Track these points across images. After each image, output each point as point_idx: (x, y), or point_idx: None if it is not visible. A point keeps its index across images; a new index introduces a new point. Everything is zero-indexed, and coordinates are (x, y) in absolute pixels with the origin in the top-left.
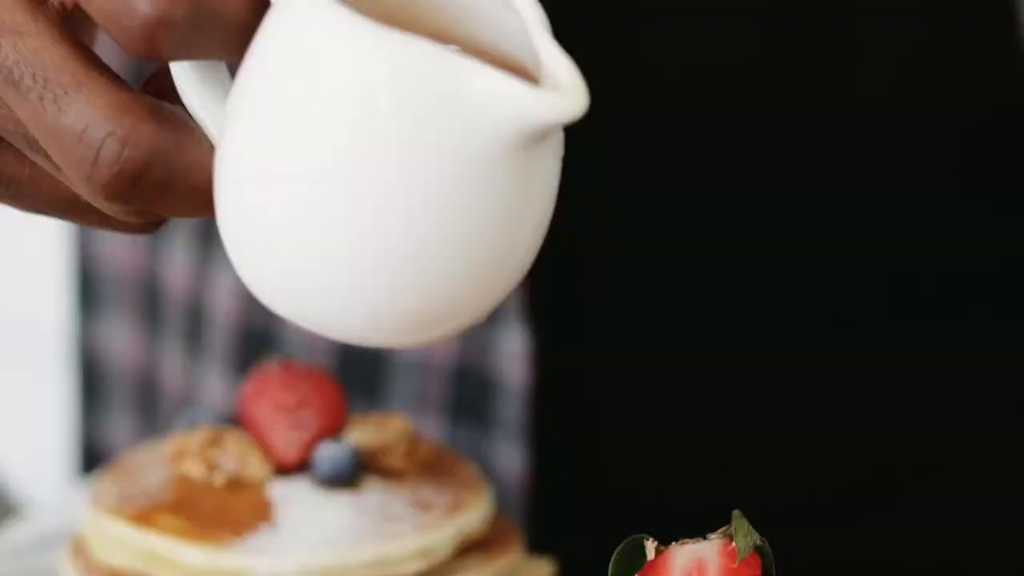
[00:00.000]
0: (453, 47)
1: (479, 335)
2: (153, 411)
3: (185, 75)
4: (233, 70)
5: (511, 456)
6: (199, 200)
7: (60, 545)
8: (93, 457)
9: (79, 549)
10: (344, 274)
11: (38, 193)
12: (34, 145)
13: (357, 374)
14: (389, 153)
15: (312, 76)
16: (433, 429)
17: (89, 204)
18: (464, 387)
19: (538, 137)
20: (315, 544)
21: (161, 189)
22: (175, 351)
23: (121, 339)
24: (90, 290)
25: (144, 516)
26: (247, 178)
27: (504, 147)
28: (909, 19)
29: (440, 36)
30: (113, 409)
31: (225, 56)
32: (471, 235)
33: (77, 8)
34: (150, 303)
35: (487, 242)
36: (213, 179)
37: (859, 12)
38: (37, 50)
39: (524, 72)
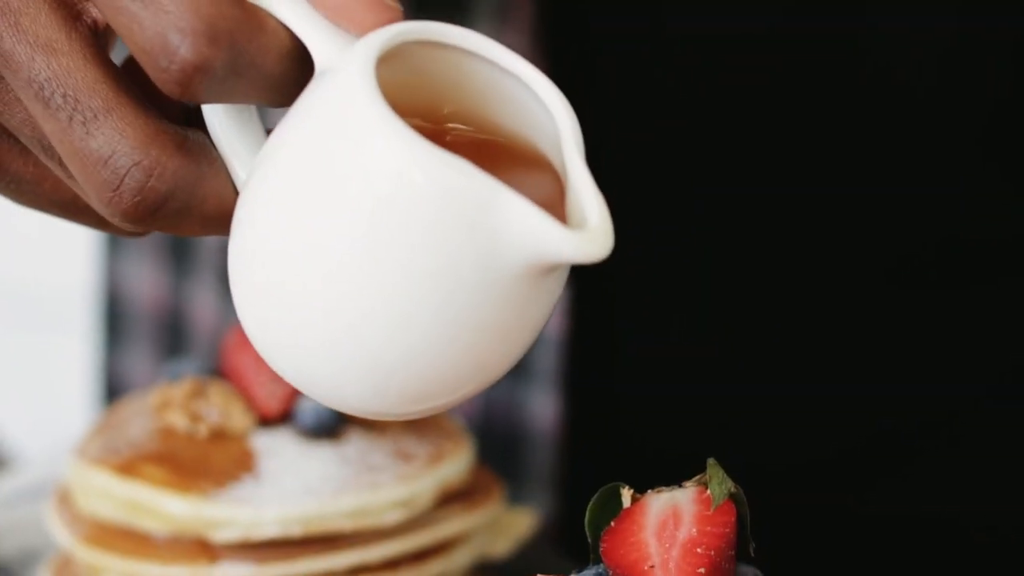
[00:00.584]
0: (478, 134)
1: None
2: (178, 350)
3: (216, 115)
4: (263, 112)
5: (545, 404)
6: (211, 226)
7: (46, 496)
8: (114, 395)
9: (64, 500)
10: (338, 357)
11: (39, 191)
12: (49, 152)
13: None
14: (410, 259)
15: (348, 169)
16: None
17: (88, 206)
18: None
19: (556, 267)
20: (297, 494)
21: (177, 217)
22: (206, 289)
23: (144, 277)
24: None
25: (128, 467)
26: (263, 241)
27: (523, 271)
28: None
29: (467, 110)
30: (134, 348)
31: (258, 104)
32: (476, 338)
33: (109, 27)
34: (178, 242)
35: (489, 342)
36: (227, 210)
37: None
38: (70, 70)
39: (545, 166)
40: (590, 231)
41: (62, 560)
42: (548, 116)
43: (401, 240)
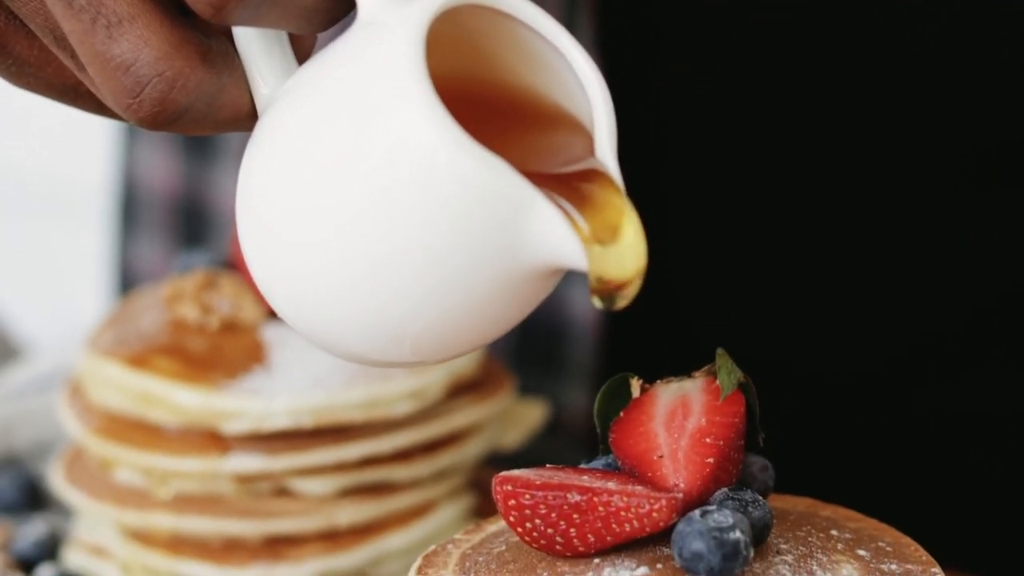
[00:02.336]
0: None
1: None
2: (193, 238)
3: (247, 35)
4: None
5: (586, 298)
6: (222, 129)
7: (58, 387)
8: (126, 284)
9: (76, 392)
10: (334, 309)
11: (40, 75)
12: (62, 44)
13: None
14: (430, 239)
15: (381, 140)
16: None
17: (88, 92)
18: None
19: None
20: (307, 385)
21: (193, 124)
22: (227, 175)
23: (160, 165)
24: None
25: (139, 359)
26: (279, 178)
27: (541, 269)
28: None
29: (507, 73)
30: (149, 237)
31: (287, 30)
32: (475, 313)
33: None
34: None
35: (488, 316)
36: (241, 117)
37: None
38: None
39: (580, 130)
40: (619, 249)
41: (74, 452)
42: (589, 109)
43: (422, 218)
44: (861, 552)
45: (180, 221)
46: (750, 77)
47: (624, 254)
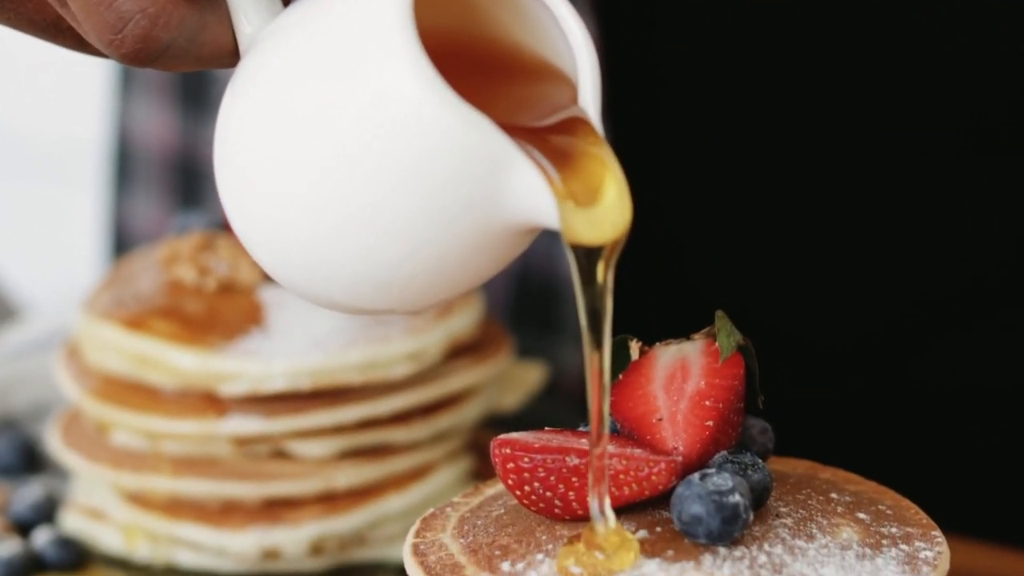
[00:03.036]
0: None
1: None
2: (189, 196)
3: None
4: None
5: None
6: (204, 65)
7: (55, 349)
8: (122, 242)
9: (73, 354)
10: (318, 254)
11: (21, 11)
12: None
13: None
14: (409, 189)
15: (366, 91)
16: None
17: (70, 28)
18: None
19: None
20: (305, 347)
21: (174, 60)
22: None
23: (155, 122)
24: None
25: (136, 321)
26: (257, 135)
27: (519, 226)
28: None
29: (492, 30)
30: (145, 196)
31: None
32: (449, 266)
33: None
34: (190, 84)
35: (463, 269)
36: (223, 53)
37: None
38: None
39: (565, 81)
40: (601, 211)
41: (71, 414)
42: (574, 60)
43: (402, 171)
44: (861, 515)
45: (176, 179)
46: (749, 45)
47: (602, 217)
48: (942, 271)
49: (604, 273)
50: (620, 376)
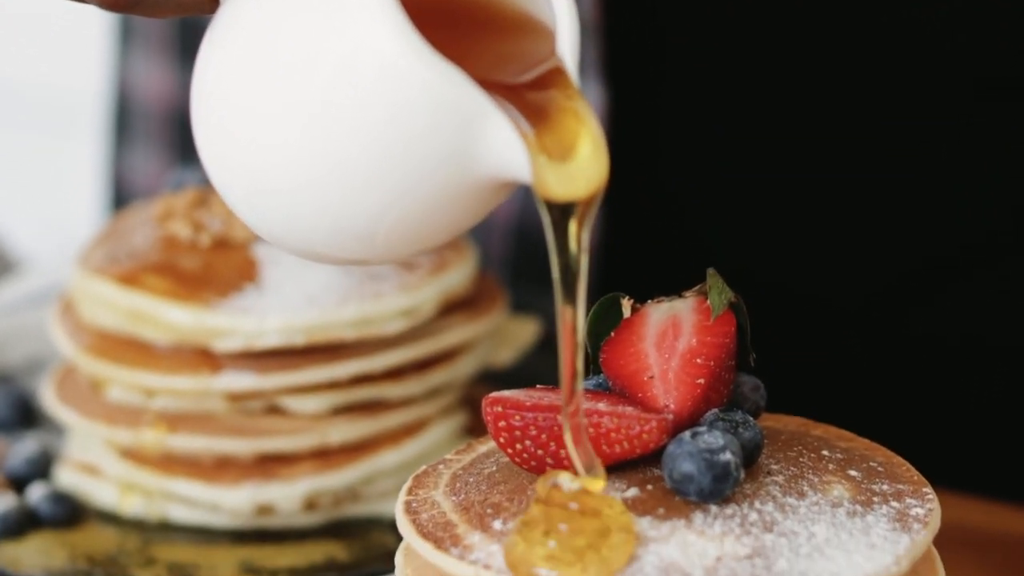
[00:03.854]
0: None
1: None
2: (189, 151)
3: None
4: None
5: None
6: (186, 11)
7: (51, 303)
8: (121, 196)
9: (68, 310)
10: (294, 204)
11: None
12: None
13: None
14: (385, 139)
15: (343, 46)
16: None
17: None
18: None
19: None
20: (299, 304)
21: (156, 7)
22: None
23: (154, 76)
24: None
25: (130, 277)
26: (233, 86)
27: (493, 179)
28: None
29: None
30: (144, 149)
31: None
32: (438, 212)
33: None
34: (188, 37)
35: (450, 215)
36: (203, 3)
37: None
38: None
39: (545, 34)
40: (574, 167)
41: (65, 370)
42: (552, 12)
43: (377, 125)
44: (852, 472)
45: (175, 133)
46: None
47: (575, 172)
48: (936, 227)
49: (578, 231)
50: (612, 333)
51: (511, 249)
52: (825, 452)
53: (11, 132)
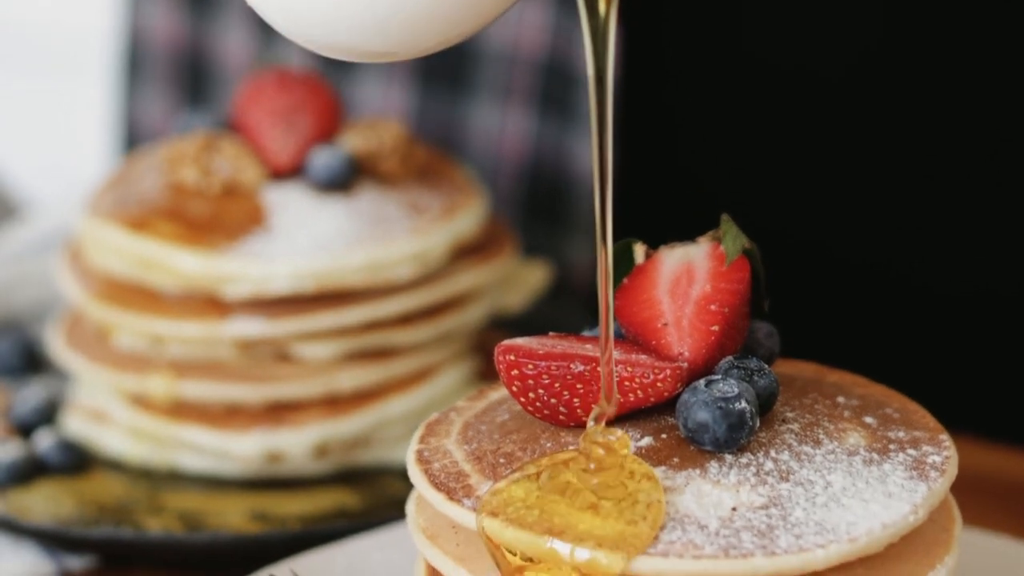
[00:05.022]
0: None
1: (565, 28)
2: (198, 93)
3: None
4: None
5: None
6: None
7: (58, 248)
8: (131, 138)
9: (75, 256)
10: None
11: None
12: None
13: (444, 64)
14: None
15: None
16: (519, 121)
17: None
18: (550, 80)
19: None
20: (309, 248)
21: None
22: (233, 27)
23: (165, 17)
24: None
25: (139, 222)
26: None
27: None
28: None
29: None
30: (153, 91)
31: None
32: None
33: None
34: None
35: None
36: None
37: None
38: None
39: None
40: None
41: (72, 317)
42: None
43: None
44: (868, 420)
45: (184, 75)
46: None
47: None
48: (951, 175)
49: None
50: (625, 280)
51: (525, 190)
52: (841, 399)
53: (18, 73)
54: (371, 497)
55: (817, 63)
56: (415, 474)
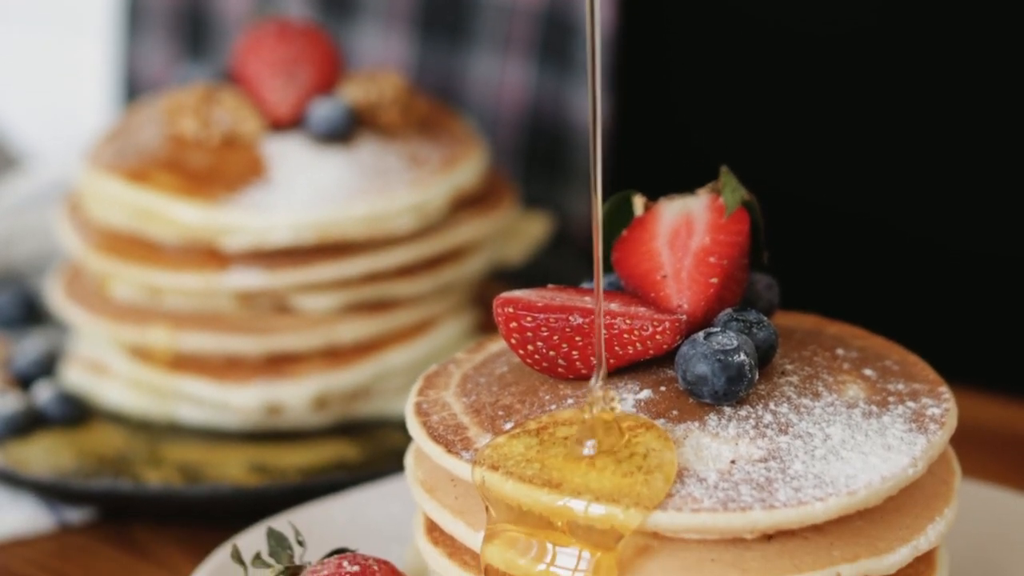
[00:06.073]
0: None
1: None
2: (199, 45)
3: None
4: None
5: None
6: None
7: (58, 200)
8: (131, 90)
9: (75, 208)
10: None
11: None
12: None
13: (442, 16)
14: None
15: None
16: (518, 71)
17: None
18: (549, 31)
19: None
20: (309, 200)
21: None
22: None
23: None
24: None
25: (139, 174)
26: None
27: None
28: None
29: None
30: (154, 43)
31: None
32: None
33: None
34: None
35: None
36: None
37: None
38: None
39: None
40: None
41: (72, 269)
42: None
43: None
44: (867, 372)
45: (184, 27)
46: None
47: None
48: (948, 125)
49: None
50: (624, 232)
51: (525, 141)
52: (840, 351)
53: (18, 24)
54: (371, 449)
55: (816, 14)
56: (414, 427)
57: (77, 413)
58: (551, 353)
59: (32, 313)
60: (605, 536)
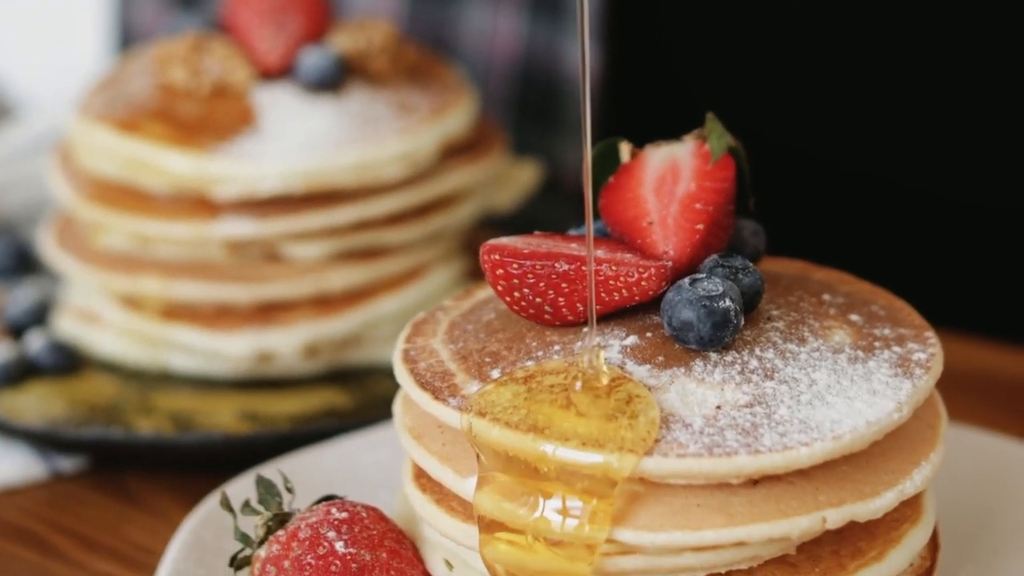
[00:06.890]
0: None
1: None
2: None
3: None
4: None
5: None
6: None
7: (50, 150)
8: (124, 39)
9: (66, 158)
10: None
11: None
12: None
13: None
14: None
15: None
16: (510, 21)
17: None
18: None
19: None
20: (298, 149)
21: None
22: None
23: None
24: None
25: (129, 123)
26: None
27: None
28: None
29: None
30: None
31: None
32: None
33: None
34: None
35: None
36: None
37: None
38: None
39: None
40: None
41: (63, 219)
42: None
43: None
44: (853, 317)
45: None
46: None
47: None
48: (932, 75)
49: None
50: (610, 179)
51: (517, 90)
52: (826, 296)
53: None
54: (361, 396)
55: None
56: (401, 373)
57: (69, 362)
58: (537, 300)
59: (24, 262)
60: (598, 483)
